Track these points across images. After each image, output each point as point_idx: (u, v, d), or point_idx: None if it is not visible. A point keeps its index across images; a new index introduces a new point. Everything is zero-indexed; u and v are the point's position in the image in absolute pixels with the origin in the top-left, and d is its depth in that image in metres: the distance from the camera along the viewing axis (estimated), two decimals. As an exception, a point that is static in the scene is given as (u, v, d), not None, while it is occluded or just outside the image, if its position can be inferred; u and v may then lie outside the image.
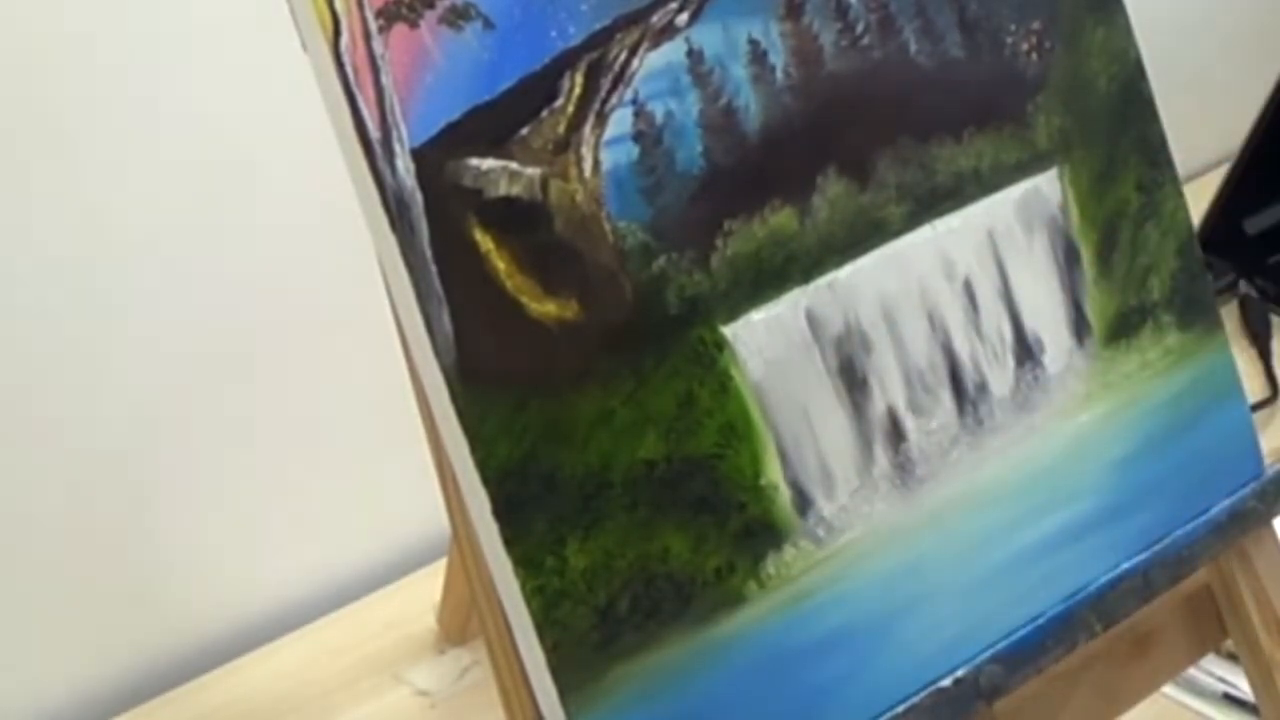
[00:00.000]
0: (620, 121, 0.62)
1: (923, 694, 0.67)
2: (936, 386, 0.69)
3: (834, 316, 0.66)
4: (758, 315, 0.64)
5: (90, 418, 0.92)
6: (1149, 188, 0.75)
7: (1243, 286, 1.23)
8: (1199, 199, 1.12)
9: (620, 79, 0.62)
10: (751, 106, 0.65)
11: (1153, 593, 0.73)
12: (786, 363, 0.65)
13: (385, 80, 0.57)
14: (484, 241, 0.59)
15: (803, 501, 0.65)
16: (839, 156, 0.67)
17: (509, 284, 0.59)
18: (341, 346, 0.98)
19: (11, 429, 0.89)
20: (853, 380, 0.67)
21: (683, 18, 0.63)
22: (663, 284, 0.62)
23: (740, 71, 0.64)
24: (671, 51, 0.63)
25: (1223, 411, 0.77)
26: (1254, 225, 1.26)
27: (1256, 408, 1.02)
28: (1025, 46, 0.72)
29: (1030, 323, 0.72)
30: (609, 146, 0.61)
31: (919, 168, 0.69)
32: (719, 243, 0.64)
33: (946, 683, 0.67)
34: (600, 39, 0.61)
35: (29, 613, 0.92)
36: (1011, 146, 0.71)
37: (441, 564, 0.92)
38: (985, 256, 0.71)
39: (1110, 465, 0.73)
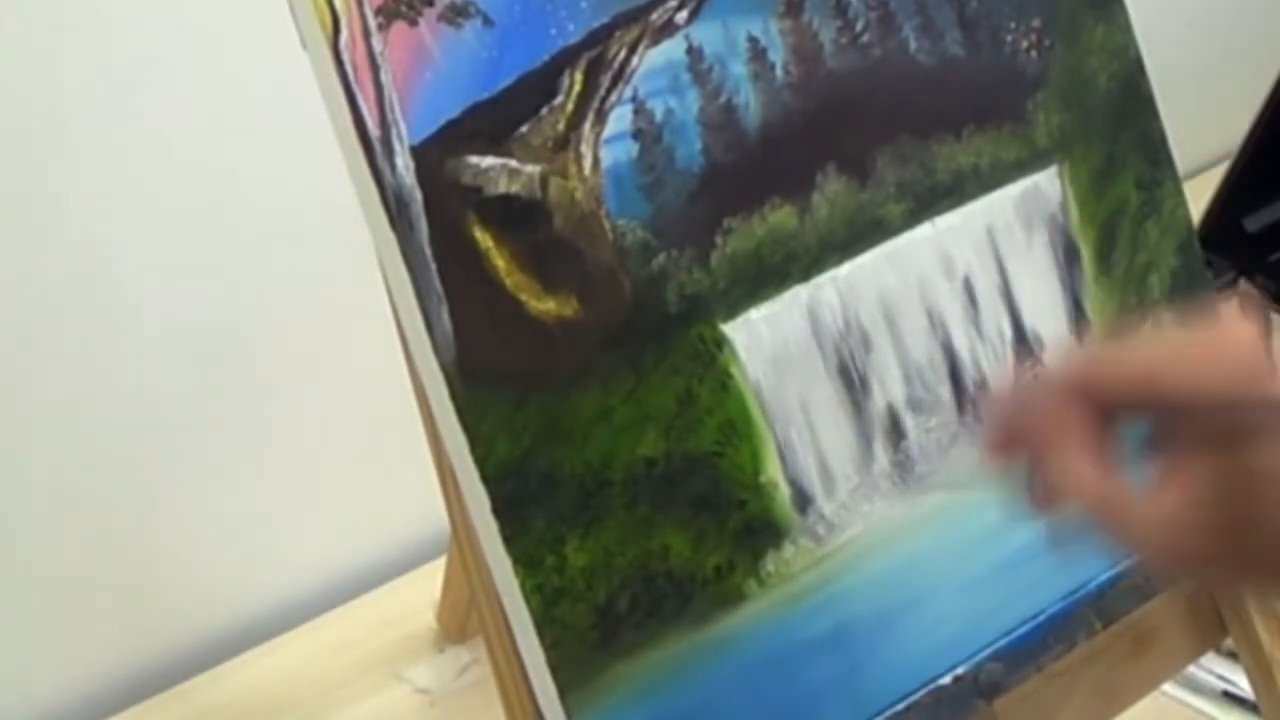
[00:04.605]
0: (620, 119, 0.62)
1: (922, 692, 0.67)
2: (936, 384, 0.69)
3: (834, 314, 0.66)
4: (757, 313, 0.64)
5: (90, 417, 0.92)
6: (1149, 185, 0.75)
7: (1243, 284, 1.23)
8: (1199, 197, 1.12)
9: (620, 76, 0.62)
10: (751, 104, 0.65)
11: (1153, 591, 0.73)
12: (786, 360, 0.65)
13: (385, 78, 0.57)
14: (483, 239, 0.59)
15: (802, 499, 0.65)
16: (839, 154, 0.67)
17: (509, 282, 0.59)
18: (341, 345, 0.98)
19: (11, 428, 0.89)
20: (852, 378, 0.67)
21: (682, 15, 0.63)
22: (662, 282, 0.62)
23: (740, 69, 0.64)
24: (671, 49, 0.63)
25: (1223, 409, 0.77)
26: (1254, 223, 1.26)
27: (1256, 405, 1.02)
28: (1025, 44, 0.72)
29: (1030, 320, 0.72)
30: (609, 144, 0.61)
31: (919, 165, 0.69)
32: (719, 240, 0.63)
33: (946, 680, 0.67)
34: (600, 36, 0.61)
35: (28, 612, 0.92)
36: (1011, 144, 0.71)
37: (441, 562, 0.92)
38: (985, 254, 0.71)
39: (1110, 463, 0.73)
